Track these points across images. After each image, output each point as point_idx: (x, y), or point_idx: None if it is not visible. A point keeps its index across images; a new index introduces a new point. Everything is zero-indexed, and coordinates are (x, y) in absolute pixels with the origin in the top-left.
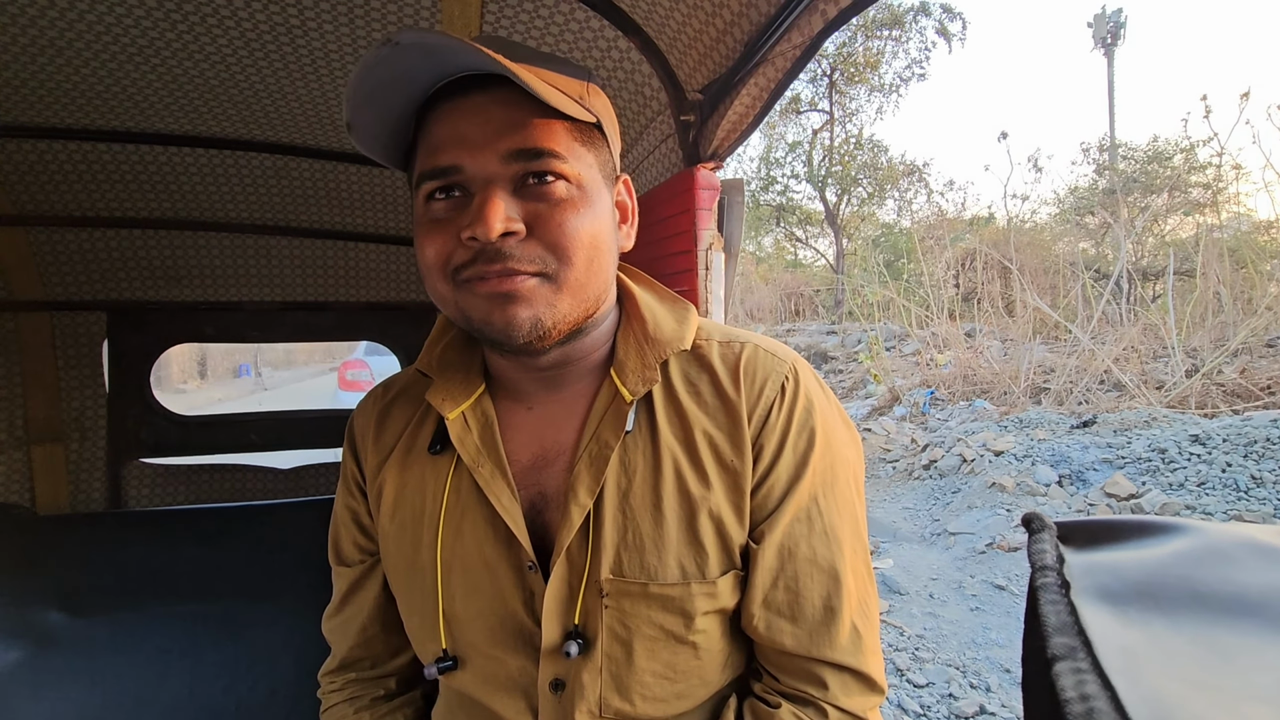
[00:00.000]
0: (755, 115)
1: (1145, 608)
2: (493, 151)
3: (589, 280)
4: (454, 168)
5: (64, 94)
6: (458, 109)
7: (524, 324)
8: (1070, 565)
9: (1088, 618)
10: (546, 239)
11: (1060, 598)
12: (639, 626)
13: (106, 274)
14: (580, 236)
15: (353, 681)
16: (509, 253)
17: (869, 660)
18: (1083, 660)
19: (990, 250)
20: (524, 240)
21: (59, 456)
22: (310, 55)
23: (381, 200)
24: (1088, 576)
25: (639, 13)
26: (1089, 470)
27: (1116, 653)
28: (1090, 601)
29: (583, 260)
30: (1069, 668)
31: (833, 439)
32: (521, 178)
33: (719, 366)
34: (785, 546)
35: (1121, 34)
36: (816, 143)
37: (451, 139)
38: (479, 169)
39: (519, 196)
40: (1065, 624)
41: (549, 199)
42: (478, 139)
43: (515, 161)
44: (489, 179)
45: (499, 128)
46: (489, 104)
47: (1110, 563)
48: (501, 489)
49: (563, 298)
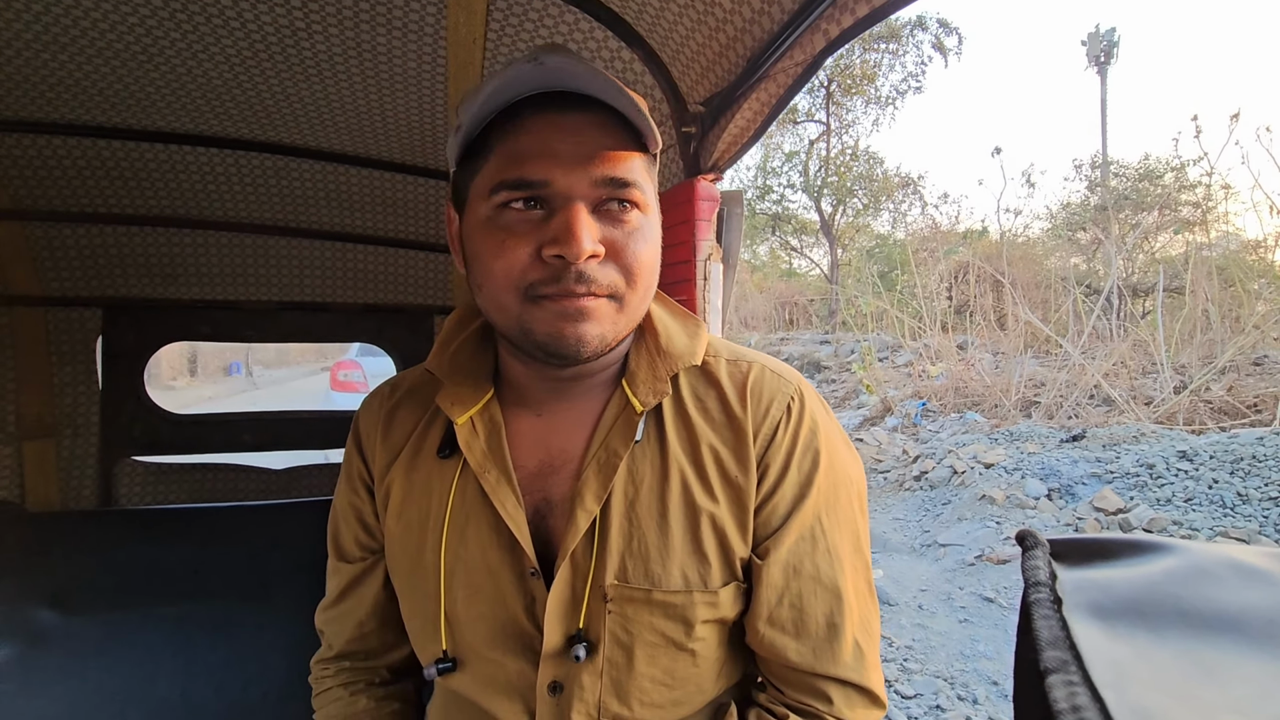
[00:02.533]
0: (756, 129)
1: (1133, 623)
2: (585, 174)
3: (643, 302)
4: (543, 182)
5: (66, 90)
6: (553, 124)
7: (592, 341)
8: (1062, 581)
9: (1079, 632)
10: (621, 263)
11: (1053, 613)
12: (641, 632)
13: (103, 270)
14: (646, 263)
15: (347, 669)
16: (590, 275)
17: (871, 675)
18: (1074, 673)
19: (983, 263)
20: (602, 263)
21: (50, 453)
22: (314, 57)
23: (381, 203)
24: (1079, 593)
25: (643, 25)
26: (1078, 484)
27: (1106, 666)
28: (1081, 617)
29: (644, 285)
30: (1061, 680)
31: (836, 459)
32: (603, 201)
33: (726, 384)
34: (790, 564)
35: (1115, 53)
36: (813, 153)
37: (544, 153)
38: (569, 187)
39: (598, 218)
40: (1057, 638)
41: (625, 226)
42: (572, 158)
43: (603, 187)
44: (578, 198)
45: (594, 151)
46: (586, 126)
47: (1100, 580)
48: (506, 495)
49: (623, 317)
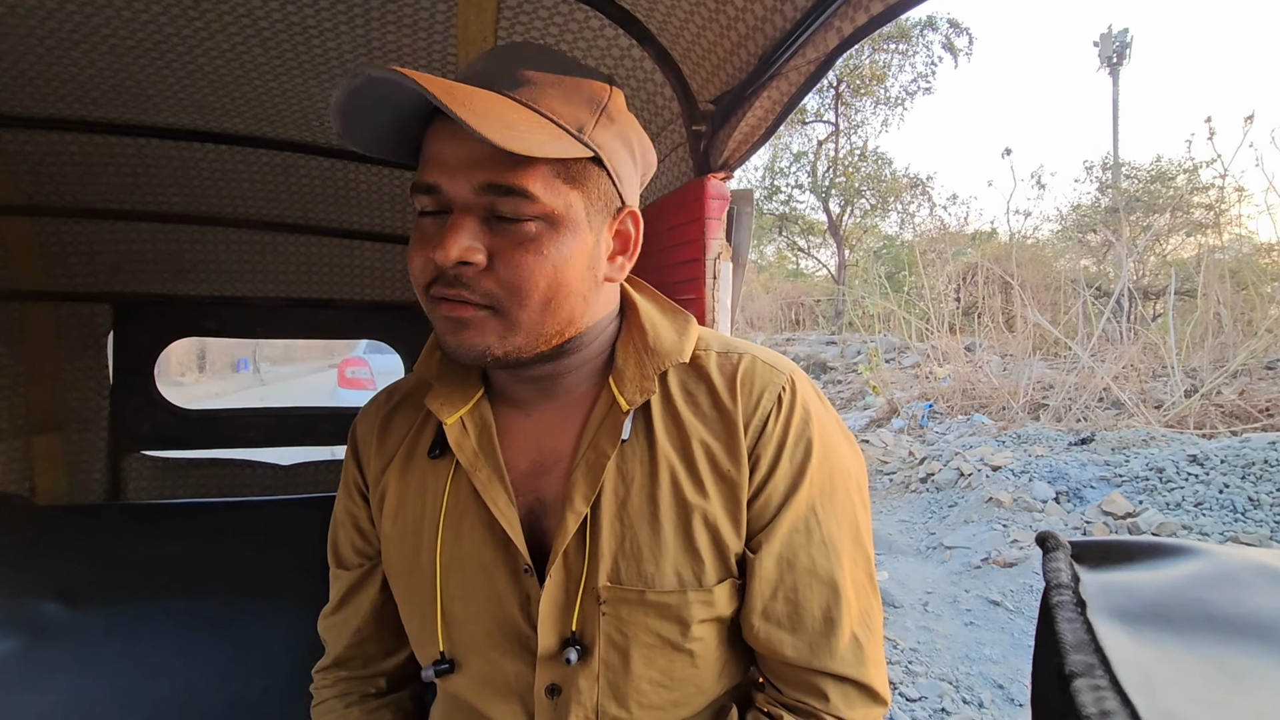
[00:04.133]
0: (767, 128)
1: (1159, 628)
2: (466, 180)
3: (544, 320)
4: (434, 187)
5: (76, 86)
6: (445, 130)
7: (472, 349)
8: (1085, 584)
9: (1104, 636)
10: (503, 276)
11: (1077, 615)
12: (636, 634)
13: (113, 266)
14: (538, 278)
15: (344, 679)
16: (465, 281)
17: (871, 671)
18: (1101, 678)
19: (992, 265)
20: (482, 271)
21: (59, 447)
22: (324, 55)
23: (387, 200)
24: (1103, 596)
25: (654, 23)
26: (1086, 488)
27: (1134, 671)
28: (1106, 620)
29: (537, 301)
30: (1088, 684)
31: (831, 449)
32: (492, 209)
33: (716, 377)
34: (784, 557)
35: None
36: (821, 153)
37: (435, 159)
38: (454, 193)
39: (488, 227)
40: (1082, 642)
41: (514, 236)
42: (454, 164)
43: (485, 194)
44: (462, 206)
45: (475, 157)
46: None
47: (1124, 583)
48: (499, 493)
49: (515, 334)
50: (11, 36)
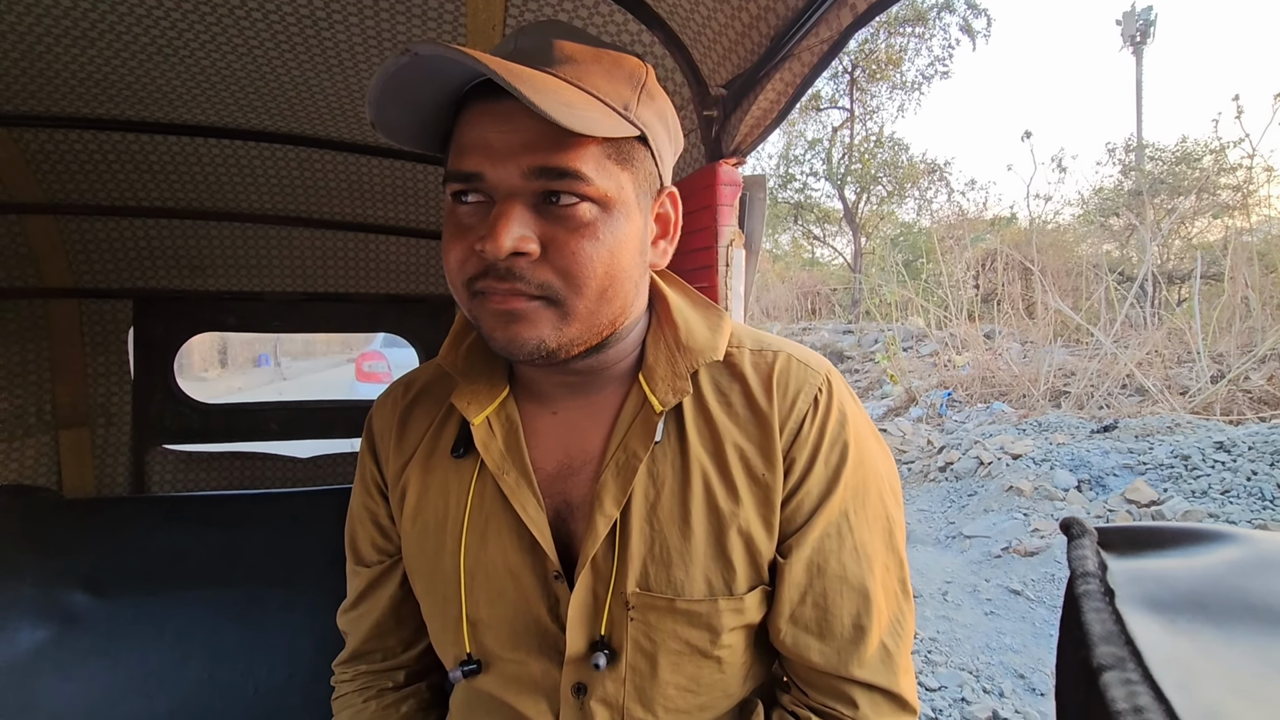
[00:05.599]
0: (779, 111)
1: (1195, 618)
2: (515, 165)
3: (600, 308)
4: (476, 174)
5: (95, 85)
6: (488, 113)
7: (527, 344)
8: (1113, 572)
9: (1135, 627)
10: (559, 264)
11: (1105, 605)
12: (664, 640)
13: (133, 262)
14: (595, 265)
15: (363, 673)
16: (518, 273)
17: (901, 680)
18: (1133, 671)
19: (1011, 251)
20: (536, 261)
21: (85, 441)
22: (335, 49)
23: (402, 193)
24: (1133, 584)
25: (663, 7)
26: (1109, 476)
27: (1168, 664)
28: (1136, 610)
29: (594, 289)
30: (1118, 678)
31: (865, 452)
32: (543, 195)
33: (751, 376)
34: (814, 562)
35: (1151, 32)
36: (836, 140)
37: (477, 144)
38: (500, 180)
39: (538, 214)
40: (1111, 633)
41: (568, 222)
42: (501, 149)
43: (537, 178)
44: (509, 192)
45: (525, 140)
46: (518, 112)
47: (1155, 571)
48: (527, 498)
49: (571, 324)
50: (30, 37)
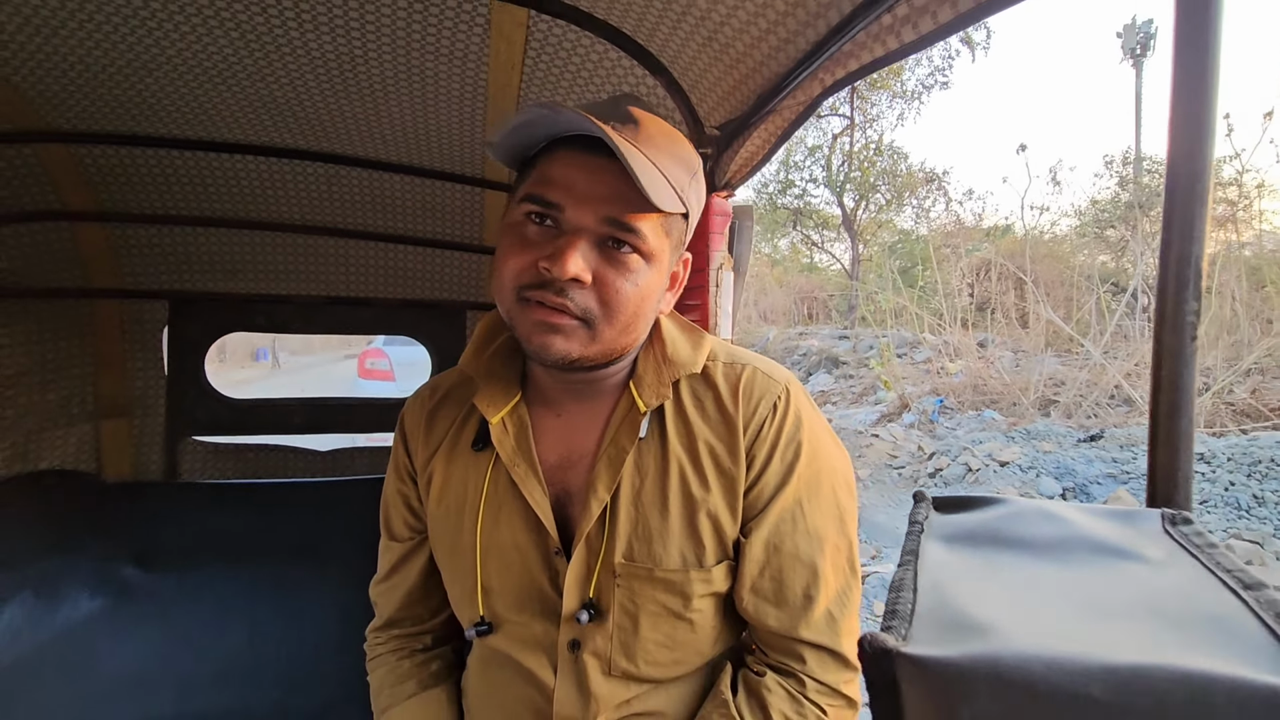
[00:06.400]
0: (765, 153)
1: (963, 544)
2: (593, 210)
3: (621, 336)
4: (557, 205)
5: (149, 107)
6: (578, 161)
7: (556, 352)
8: (931, 521)
9: (924, 547)
10: (602, 295)
11: (915, 537)
12: (645, 604)
13: (171, 266)
14: (630, 303)
15: (395, 636)
16: (570, 294)
17: (844, 641)
18: (909, 567)
19: (1006, 261)
20: (585, 289)
21: (124, 431)
22: (369, 82)
23: (421, 207)
24: (938, 527)
25: (666, 56)
26: (1093, 484)
27: (930, 563)
28: (931, 540)
29: (622, 321)
30: (902, 570)
31: (819, 450)
32: (606, 238)
33: (722, 385)
34: (771, 542)
35: (1151, 45)
36: (836, 147)
37: (564, 182)
38: (576, 218)
39: (597, 250)
40: (911, 550)
41: (620, 266)
42: (585, 194)
43: (607, 226)
44: (580, 228)
45: (607, 194)
46: (605, 170)
47: (955, 520)
48: (534, 486)
49: (596, 344)
50: (94, 65)
